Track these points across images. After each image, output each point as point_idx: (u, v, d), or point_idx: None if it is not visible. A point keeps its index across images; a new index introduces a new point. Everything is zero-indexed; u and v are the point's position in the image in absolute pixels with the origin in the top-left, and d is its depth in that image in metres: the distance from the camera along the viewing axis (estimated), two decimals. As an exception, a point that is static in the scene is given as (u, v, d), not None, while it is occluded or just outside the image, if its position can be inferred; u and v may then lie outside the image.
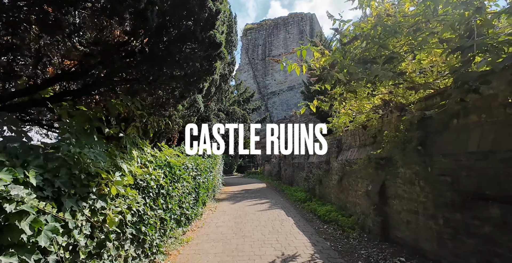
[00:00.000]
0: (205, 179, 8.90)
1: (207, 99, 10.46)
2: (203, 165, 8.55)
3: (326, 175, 9.30)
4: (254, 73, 28.91)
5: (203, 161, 8.76)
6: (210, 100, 10.85)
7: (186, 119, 8.13)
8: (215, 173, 11.86)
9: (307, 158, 12.21)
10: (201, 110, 8.30)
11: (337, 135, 8.72)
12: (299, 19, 29.09)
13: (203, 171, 8.42)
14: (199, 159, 8.26)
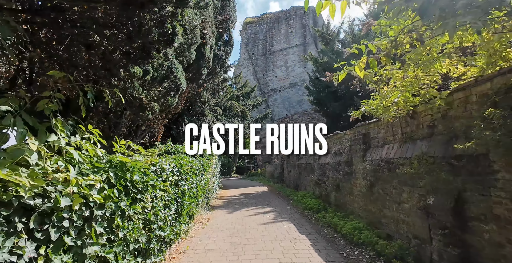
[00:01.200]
0: (194, 185, 6.87)
1: (199, 85, 8.39)
2: (190, 167, 6.49)
3: (347, 179, 7.26)
4: (254, 69, 26.93)
5: (191, 161, 6.70)
6: (202, 86, 8.82)
7: (163, 101, 6.06)
8: (208, 175, 9.82)
9: (318, 158, 10.16)
10: (183, 87, 6.22)
11: (363, 128, 6.70)
12: (301, 12, 27.17)
13: (190, 174, 6.37)
14: (184, 159, 6.20)
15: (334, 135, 8.59)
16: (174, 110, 8.00)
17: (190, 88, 8.18)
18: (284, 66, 26.95)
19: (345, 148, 7.61)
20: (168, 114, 8.07)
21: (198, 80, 7.74)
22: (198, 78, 7.63)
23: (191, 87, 8.17)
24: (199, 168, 7.83)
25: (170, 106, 7.20)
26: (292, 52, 26.90)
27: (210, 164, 9.51)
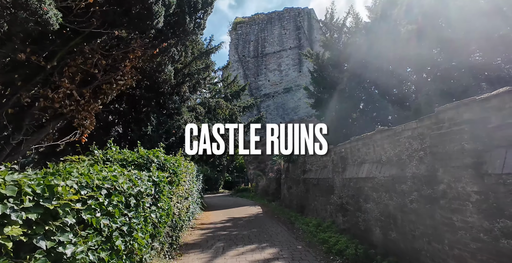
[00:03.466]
0: (144, 219, 3.28)
1: (150, 42, 4.87)
2: (132, 189, 2.93)
3: (424, 206, 3.79)
4: (244, 72, 23.77)
5: (136, 179, 3.12)
6: (158, 45, 5.14)
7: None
8: (177, 199, 6.13)
9: (342, 171, 6.67)
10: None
11: (472, 109, 3.35)
12: (295, 14, 24.61)
13: (132, 206, 2.79)
14: (122, 173, 2.61)
15: (380, 132, 5.17)
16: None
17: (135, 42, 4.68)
18: (278, 70, 23.94)
19: (414, 152, 4.15)
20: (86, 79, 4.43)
21: (147, 27, 4.31)
22: (147, 25, 4.20)
23: (133, 39, 4.67)
24: (159, 190, 4.18)
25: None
26: (286, 55, 24.01)
27: (179, 181, 5.88)
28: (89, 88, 4.62)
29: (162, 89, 9.06)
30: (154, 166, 4.92)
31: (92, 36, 4.04)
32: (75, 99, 4.36)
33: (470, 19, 10.53)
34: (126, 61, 4.86)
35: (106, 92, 4.94)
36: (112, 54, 4.61)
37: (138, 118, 9.03)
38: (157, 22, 4.17)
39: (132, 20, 4.07)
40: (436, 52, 12.70)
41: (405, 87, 14.18)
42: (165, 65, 6.35)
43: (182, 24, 4.93)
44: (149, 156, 5.27)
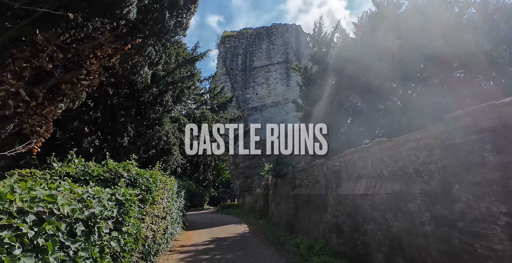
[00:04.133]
0: (100, 249, 2.52)
1: (119, 34, 4.16)
2: (81, 212, 2.21)
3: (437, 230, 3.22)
4: (232, 85, 23.42)
5: (88, 199, 2.39)
6: (129, 41, 4.46)
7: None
8: (153, 219, 5.30)
9: (336, 186, 6.09)
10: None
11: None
12: (283, 30, 24.93)
13: (79, 235, 2.06)
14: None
15: (379, 144, 4.68)
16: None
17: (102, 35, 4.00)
18: (266, 84, 23.78)
19: (422, 166, 3.64)
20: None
21: (116, 17, 3.65)
22: (116, 15, 3.54)
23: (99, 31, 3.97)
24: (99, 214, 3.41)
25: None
26: (274, 69, 23.98)
27: (154, 199, 5.08)
28: (42, 88, 3.87)
29: (142, 98, 8.37)
30: (122, 182, 4.16)
31: (46, 21, 3.37)
32: (23, 100, 3.61)
33: (453, 36, 10.69)
34: (93, 58, 4.19)
35: (67, 94, 4.19)
36: (74, 48, 3.94)
37: (115, 128, 8.23)
38: (128, 11, 3.58)
39: (95, 6, 3.45)
40: (422, 67, 12.77)
41: (390, 103, 14.15)
42: (141, 67, 5.73)
43: (161, 20, 4.37)
44: (118, 169, 4.51)
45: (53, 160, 4.14)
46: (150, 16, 4.35)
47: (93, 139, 8.13)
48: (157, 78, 8.44)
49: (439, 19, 11.52)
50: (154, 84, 8.52)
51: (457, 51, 10.82)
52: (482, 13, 11.21)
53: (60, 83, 4.03)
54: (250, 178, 21.63)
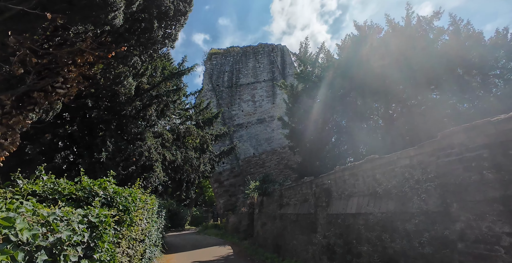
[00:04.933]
0: None
1: (101, 41, 3.84)
2: (44, 239, 1.87)
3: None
4: (218, 101, 23.34)
5: (55, 222, 2.04)
6: (113, 48, 4.20)
7: None
8: (130, 243, 4.81)
9: (327, 205, 5.90)
10: None
11: None
12: (269, 49, 25.64)
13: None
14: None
15: (371, 161, 4.59)
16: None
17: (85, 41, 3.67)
18: (252, 101, 23.91)
19: (417, 184, 3.55)
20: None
21: (101, 22, 3.39)
22: (100, 20, 3.30)
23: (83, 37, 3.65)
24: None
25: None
26: (260, 87, 24.30)
27: (132, 220, 4.63)
28: (10, 95, 3.47)
29: (124, 111, 8.00)
30: (97, 201, 3.75)
31: (19, 21, 3.06)
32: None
33: (429, 61, 11.36)
34: (71, 66, 3.87)
35: (39, 103, 3.80)
36: (51, 53, 3.62)
37: (92, 143, 7.72)
38: (114, 17, 3.37)
39: (78, 8, 3.22)
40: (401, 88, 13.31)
41: (372, 122, 14.52)
42: (125, 77, 5.44)
43: (149, 30, 4.21)
44: (93, 187, 4.10)
45: (17, 176, 3.69)
46: (137, 25, 4.18)
47: (67, 154, 7.56)
48: (141, 91, 8.14)
49: (416, 44, 12.24)
50: (138, 98, 8.20)
51: (433, 75, 11.46)
52: (455, 40, 12.01)
53: (32, 90, 3.64)
54: (235, 196, 20.99)
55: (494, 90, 11.28)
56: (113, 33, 4.00)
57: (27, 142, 6.19)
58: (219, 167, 20.13)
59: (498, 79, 11.38)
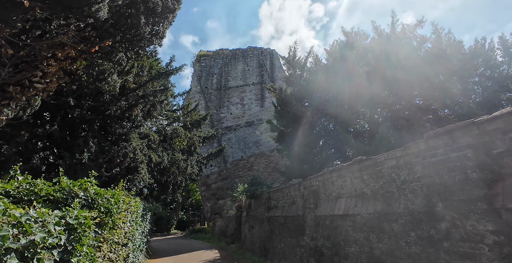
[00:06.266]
0: None
1: (84, 35, 3.67)
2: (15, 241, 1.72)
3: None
4: (206, 103, 23.14)
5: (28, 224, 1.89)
6: (94, 43, 4.04)
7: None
8: (112, 247, 4.60)
9: (315, 207, 5.89)
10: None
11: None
12: (258, 53, 25.77)
13: None
14: None
15: (359, 162, 4.62)
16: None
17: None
18: (240, 104, 23.86)
19: (404, 184, 3.58)
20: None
21: (84, 15, 3.22)
22: (83, 12, 3.13)
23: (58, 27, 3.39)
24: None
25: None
26: (249, 90, 24.31)
27: (114, 222, 4.42)
28: (-17, 88, 3.26)
29: (109, 111, 7.74)
30: (77, 202, 3.56)
31: None
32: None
33: (412, 67, 11.74)
34: (51, 60, 3.65)
35: (14, 98, 3.56)
36: (29, 45, 3.40)
37: (74, 144, 7.40)
38: (98, 9, 3.21)
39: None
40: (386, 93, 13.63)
41: (358, 126, 14.78)
42: (110, 74, 5.23)
43: (135, 25, 4.07)
44: (73, 188, 3.90)
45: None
46: (123, 20, 4.03)
47: (46, 155, 7.22)
48: (127, 90, 7.91)
49: (400, 51, 12.61)
50: (123, 97, 7.96)
51: (416, 81, 11.83)
52: (436, 48, 12.44)
53: (7, 84, 3.39)
54: (222, 200, 20.74)
55: (473, 96, 11.72)
56: (97, 28, 3.83)
57: (2, 141, 5.85)
58: (206, 170, 19.90)
59: (477, 86, 11.84)
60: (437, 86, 11.62)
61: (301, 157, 14.34)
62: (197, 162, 12.08)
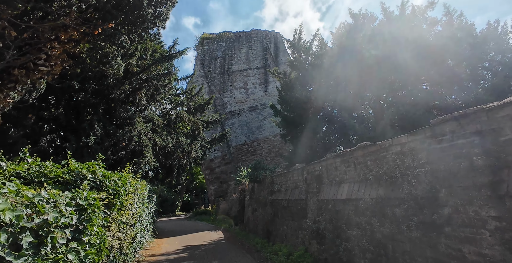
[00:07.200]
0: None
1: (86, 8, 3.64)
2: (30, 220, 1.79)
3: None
4: (210, 88, 22.96)
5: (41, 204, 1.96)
6: (97, 25, 3.97)
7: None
8: (121, 227, 4.77)
9: (317, 191, 5.97)
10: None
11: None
12: (262, 36, 25.11)
13: (26, 247, 1.62)
14: None
15: (363, 148, 4.62)
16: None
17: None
18: (244, 88, 23.63)
19: (408, 170, 3.59)
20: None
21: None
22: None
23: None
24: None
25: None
26: (253, 74, 23.97)
27: (122, 204, 4.56)
28: (-12, 71, 3.25)
29: (113, 95, 7.72)
30: (86, 184, 3.65)
31: None
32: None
33: (421, 51, 11.36)
34: (55, 42, 3.61)
35: (20, 80, 3.56)
36: (32, 27, 3.35)
37: (79, 127, 7.47)
38: None
39: None
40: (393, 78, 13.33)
41: (363, 111, 14.60)
42: (113, 57, 5.18)
43: (138, 7, 3.95)
44: (81, 170, 3.98)
45: (0, 158, 3.53)
46: (126, 1, 3.90)
47: (53, 138, 7.31)
48: (130, 74, 7.84)
49: (409, 34, 12.18)
50: (127, 81, 7.91)
51: (424, 66, 11.50)
52: (447, 31, 11.98)
53: (12, 67, 3.38)
54: (226, 183, 21.13)
55: (482, 82, 11.42)
56: (99, 9, 3.72)
57: (9, 124, 5.92)
58: (210, 154, 20.11)
59: (487, 71, 11.50)
60: (445, 72, 11.32)
61: (305, 142, 14.35)
62: (201, 146, 12.19)
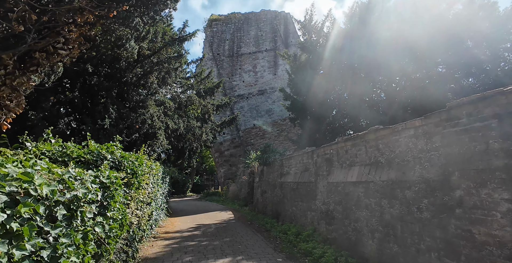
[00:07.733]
0: (83, 236, 2.27)
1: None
2: (62, 195, 1.93)
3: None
4: (219, 71, 22.75)
5: (70, 180, 2.09)
6: (111, 7, 3.97)
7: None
8: (138, 205, 5.03)
9: (327, 174, 6.06)
10: None
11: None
12: (272, 16, 24.31)
13: (60, 219, 1.78)
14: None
15: (375, 131, 4.61)
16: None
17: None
18: (253, 71, 23.32)
19: (421, 153, 3.60)
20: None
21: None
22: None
23: None
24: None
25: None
26: (262, 57, 23.52)
27: (140, 183, 4.77)
28: (12, 54, 3.33)
29: (125, 78, 7.80)
30: (106, 164, 3.82)
31: None
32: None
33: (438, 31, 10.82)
34: (72, 25, 3.66)
35: (41, 64, 3.66)
36: (50, 10, 3.38)
37: (94, 110, 7.65)
38: None
39: None
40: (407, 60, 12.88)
41: (374, 95, 14.28)
42: (127, 40, 5.20)
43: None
44: (101, 151, 4.15)
45: (25, 139, 3.71)
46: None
47: (70, 120, 7.54)
48: (141, 57, 7.86)
49: (426, 14, 11.59)
50: (138, 64, 7.94)
51: (441, 47, 11.01)
52: (468, 10, 11.35)
53: (34, 50, 3.48)
54: (235, 166, 21.53)
55: (502, 64, 10.93)
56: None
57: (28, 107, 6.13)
58: (220, 137, 20.36)
59: (508, 53, 10.96)
60: (463, 53, 10.83)
61: (314, 126, 14.31)
62: (211, 129, 12.34)
